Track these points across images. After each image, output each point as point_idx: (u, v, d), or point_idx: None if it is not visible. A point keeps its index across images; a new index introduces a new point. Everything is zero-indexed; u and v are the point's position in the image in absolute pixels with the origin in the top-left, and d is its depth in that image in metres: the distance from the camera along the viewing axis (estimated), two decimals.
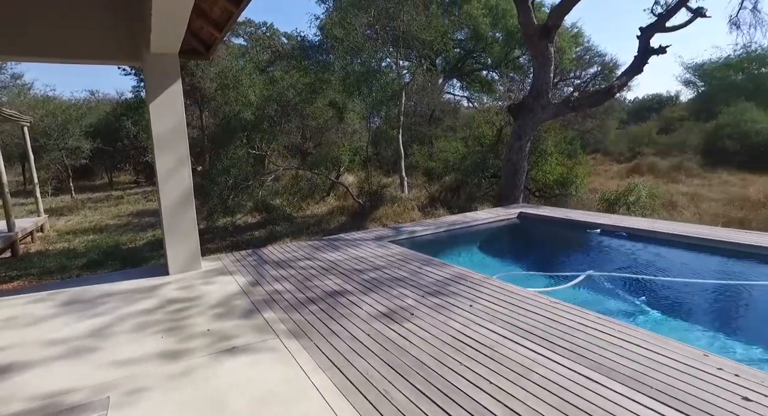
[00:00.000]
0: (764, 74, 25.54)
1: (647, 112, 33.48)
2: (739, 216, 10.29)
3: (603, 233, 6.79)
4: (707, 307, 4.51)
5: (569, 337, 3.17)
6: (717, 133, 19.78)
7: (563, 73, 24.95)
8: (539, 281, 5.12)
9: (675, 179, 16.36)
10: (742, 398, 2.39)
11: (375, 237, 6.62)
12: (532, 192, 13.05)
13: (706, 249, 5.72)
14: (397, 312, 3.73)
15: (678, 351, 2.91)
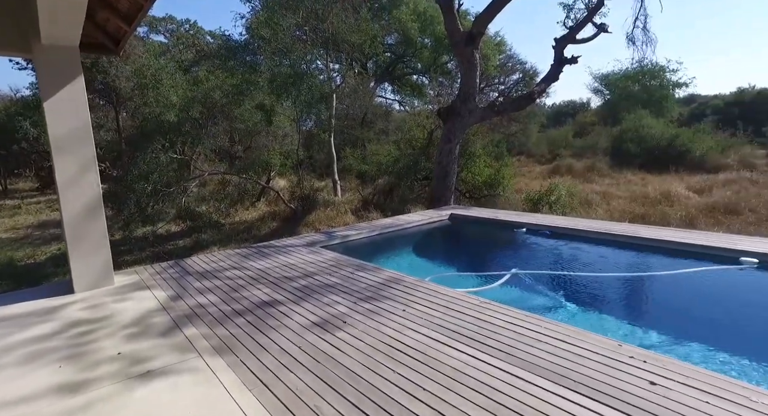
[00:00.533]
0: (654, 86, 28.65)
1: (564, 117, 36.19)
2: (641, 212, 11.33)
3: (528, 232, 7.13)
4: (620, 298, 4.87)
5: (499, 337, 3.24)
6: (621, 137, 21.77)
7: (489, 79, 26.17)
8: (470, 281, 5.24)
9: (589, 179, 17.70)
10: (649, 383, 2.56)
11: (307, 243, 6.44)
12: (463, 193, 13.47)
13: (618, 244, 6.20)
14: (329, 321, 3.61)
15: (596, 343, 3.07)
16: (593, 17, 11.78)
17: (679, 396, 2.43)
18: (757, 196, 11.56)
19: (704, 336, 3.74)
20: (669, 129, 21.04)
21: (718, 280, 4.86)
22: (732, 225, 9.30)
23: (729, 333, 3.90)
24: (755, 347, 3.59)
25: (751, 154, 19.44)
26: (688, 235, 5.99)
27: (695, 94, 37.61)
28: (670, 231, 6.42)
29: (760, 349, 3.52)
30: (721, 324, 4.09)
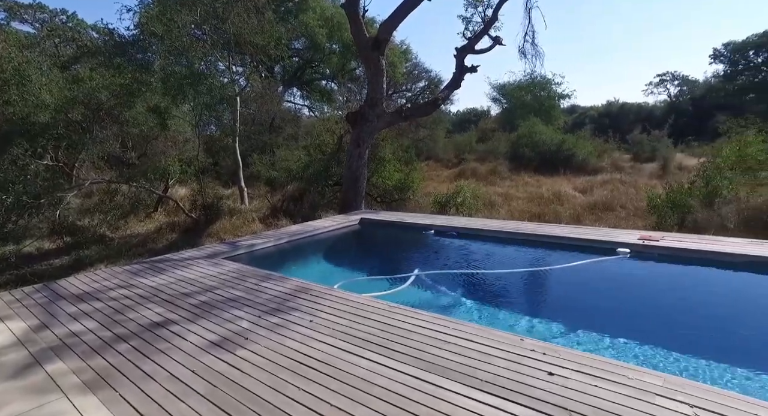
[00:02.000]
0: (543, 96, 31.66)
1: (467, 124, 38.37)
2: (537, 211, 12.30)
3: (437, 233, 7.33)
4: (522, 293, 5.16)
5: (407, 341, 3.20)
6: (518, 142, 23.58)
7: (396, 86, 26.86)
8: (380, 285, 5.20)
9: (492, 181, 18.87)
10: (548, 374, 2.68)
11: (208, 255, 5.95)
12: (374, 197, 13.57)
13: (518, 242, 6.61)
14: (229, 339, 3.31)
15: (501, 339, 3.17)
16: (489, 30, 12.57)
17: (573, 383, 2.57)
18: (626, 194, 13.13)
19: (592, 322, 4.07)
20: (557, 135, 23.24)
21: (600, 270, 5.36)
22: (609, 220, 10.44)
23: (612, 317, 4.29)
24: (632, 327, 3.98)
25: (620, 158, 22.21)
26: (576, 231, 6.58)
27: (576, 105, 42.20)
28: (561, 227, 7.00)
29: (635, 329, 3.91)
30: (605, 309, 4.50)
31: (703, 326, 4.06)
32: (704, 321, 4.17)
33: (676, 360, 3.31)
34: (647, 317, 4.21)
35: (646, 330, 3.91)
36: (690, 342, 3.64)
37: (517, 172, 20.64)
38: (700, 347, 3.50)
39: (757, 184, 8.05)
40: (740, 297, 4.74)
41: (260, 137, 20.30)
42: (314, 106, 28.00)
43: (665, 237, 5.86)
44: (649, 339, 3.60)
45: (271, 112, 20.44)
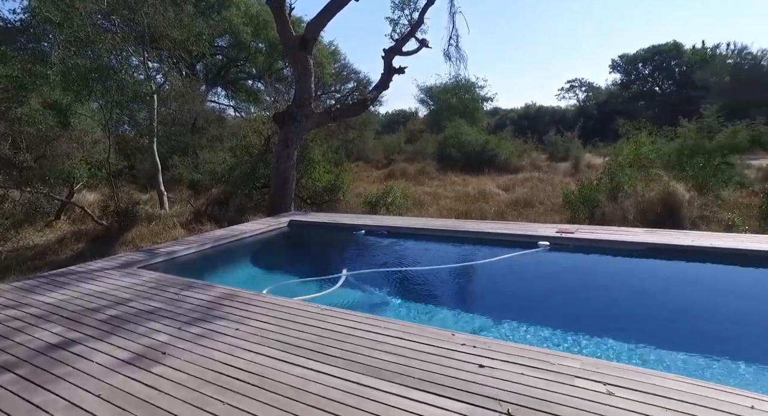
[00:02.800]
0: (468, 99, 33.10)
1: (396, 125, 39.01)
2: (464, 209, 12.77)
3: (368, 233, 7.32)
4: (452, 288, 5.28)
5: (339, 344, 3.12)
6: (445, 142, 24.37)
7: (325, 87, 26.63)
8: (310, 289, 5.05)
9: (421, 181, 19.30)
10: (478, 366, 2.74)
11: (121, 265, 5.43)
12: (304, 199, 13.31)
13: (447, 239, 6.78)
14: (144, 356, 3.01)
15: (432, 335, 3.19)
16: (415, 33, 12.83)
17: (502, 373, 2.64)
18: (544, 191, 14.06)
19: (518, 312, 4.26)
20: (481, 136, 24.34)
21: (523, 263, 5.65)
22: (529, 216, 11.10)
23: (536, 306, 4.53)
24: (554, 314, 4.23)
25: (538, 157, 23.81)
26: (500, 226, 6.89)
27: (498, 107, 44.67)
28: (486, 224, 7.30)
29: (558, 316, 4.16)
30: (529, 299, 4.74)
31: (614, 309, 4.42)
32: (615, 304, 4.55)
33: (594, 342, 3.55)
34: (567, 304, 4.51)
35: (567, 316, 4.18)
36: (605, 324, 3.94)
37: (444, 171, 21.30)
38: (614, 328, 3.80)
39: (650, 180, 8.98)
40: (642, 281, 5.23)
41: (182, 138, 19.12)
42: (240, 107, 26.94)
43: (579, 230, 6.33)
44: (570, 325, 3.84)
45: (193, 112, 19.30)
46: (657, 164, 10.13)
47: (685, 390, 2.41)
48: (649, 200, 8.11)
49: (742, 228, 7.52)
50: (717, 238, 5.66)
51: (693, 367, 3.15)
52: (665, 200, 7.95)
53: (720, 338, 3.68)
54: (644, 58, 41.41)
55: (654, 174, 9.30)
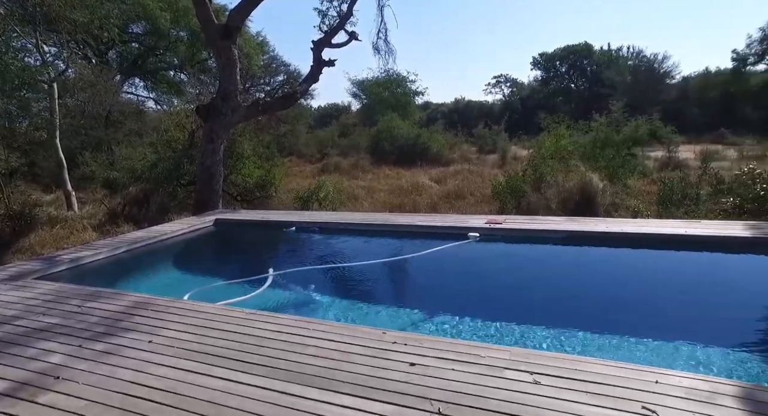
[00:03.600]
0: (400, 93, 33.50)
1: (329, 119, 38.57)
2: (398, 202, 12.85)
3: (299, 230, 7.07)
4: (385, 284, 5.23)
5: (265, 350, 2.93)
6: (378, 136, 24.44)
7: (254, 79, 25.61)
8: (235, 292, 4.72)
9: (355, 175, 19.18)
10: (409, 364, 2.68)
11: (10, 277, 4.77)
12: (234, 196, 12.70)
13: (380, 233, 6.73)
14: (30, 383, 2.62)
15: (363, 335, 3.09)
16: (345, 25, 12.61)
17: (433, 370, 2.60)
18: (474, 182, 14.53)
19: (451, 305, 4.29)
20: (413, 129, 24.70)
21: (455, 255, 5.73)
22: (461, 207, 11.40)
23: (468, 298, 4.60)
24: (485, 305, 4.31)
25: (468, 150, 24.66)
26: (432, 219, 6.96)
27: (429, 101, 45.67)
28: (418, 217, 7.35)
29: (489, 307, 4.24)
30: (461, 292, 4.80)
31: (542, 296, 4.60)
32: (542, 292, 4.73)
33: (522, 331, 3.65)
34: (497, 294, 4.62)
35: (497, 307, 4.27)
36: (533, 313, 4.07)
37: (378, 165, 21.36)
38: (542, 316, 3.93)
39: (569, 170, 9.56)
40: (565, 267, 5.52)
41: (94, 132, 17.47)
42: (161, 99, 25.09)
43: (507, 220, 6.55)
44: (499, 316, 3.91)
45: (106, 104, 17.67)
46: (575, 155, 10.81)
47: (603, 372, 2.52)
48: (569, 189, 8.61)
49: (645, 214, 8.22)
50: (626, 224, 6.12)
51: (608, 348, 3.33)
52: (582, 189, 8.48)
53: (633, 318, 3.94)
54: (561, 56, 44.34)
55: (572, 165, 9.91)
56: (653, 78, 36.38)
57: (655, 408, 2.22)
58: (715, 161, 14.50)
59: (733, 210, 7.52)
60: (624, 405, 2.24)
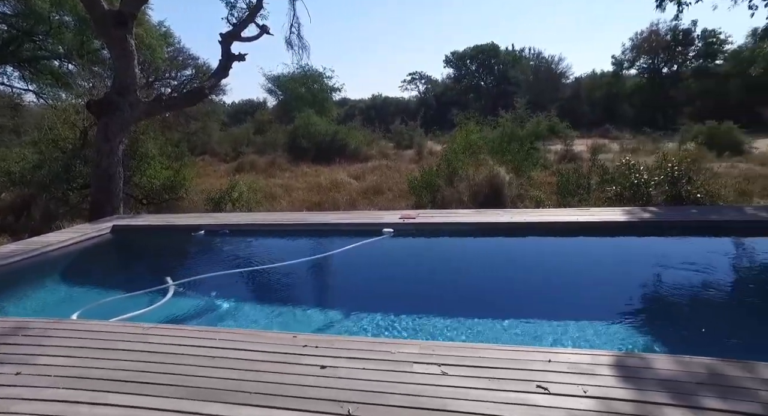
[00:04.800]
0: (317, 89, 33.12)
1: (244, 116, 37.00)
2: (317, 200, 12.68)
3: (208, 234, 6.68)
4: (299, 285, 5.11)
5: (166, 367, 2.71)
6: (295, 133, 23.93)
7: (158, 73, 23.78)
8: (134, 305, 4.28)
9: (272, 174, 18.61)
10: (320, 368, 2.64)
11: None
12: (139, 200, 11.71)
13: (295, 233, 6.57)
14: None
15: (272, 341, 2.99)
16: (255, 18, 12.10)
17: (343, 372, 2.58)
18: (392, 178, 14.79)
19: (366, 303, 4.31)
20: (331, 126, 24.50)
21: (369, 251, 5.74)
22: (379, 203, 11.54)
23: (382, 295, 4.65)
24: (400, 301, 4.36)
25: (386, 146, 25.05)
26: (346, 216, 6.96)
27: (347, 98, 45.64)
28: (333, 214, 7.31)
29: (403, 302, 4.29)
30: (376, 289, 4.85)
31: (453, 288, 4.78)
32: (453, 283, 4.92)
33: (433, 324, 3.75)
34: (410, 289, 4.72)
35: (409, 301, 4.35)
36: (445, 304, 4.20)
37: (296, 163, 20.93)
38: (453, 307, 4.07)
39: (479, 164, 10.08)
40: (475, 258, 5.81)
41: None
42: (45, 92, 22.24)
43: (420, 215, 6.75)
44: (412, 310, 3.99)
45: None
46: (484, 150, 11.43)
47: (503, 357, 2.68)
48: (479, 183, 9.09)
49: (546, 203, 8.94)
50: (528, 214, 6.61)
51: (510, 333, 3.54)
52: (491, 182, 8.99)
53: (533, 302, 4.26)
54: (471, 55, 46.65)
55: (482, 159, 10.45)
56: (552, 77, 39.72)
57: (548, 385, 2.40)
58: (602, 153, 16.20)
59: (615, 197, 8.43)
60: (521, 386, 2.40)
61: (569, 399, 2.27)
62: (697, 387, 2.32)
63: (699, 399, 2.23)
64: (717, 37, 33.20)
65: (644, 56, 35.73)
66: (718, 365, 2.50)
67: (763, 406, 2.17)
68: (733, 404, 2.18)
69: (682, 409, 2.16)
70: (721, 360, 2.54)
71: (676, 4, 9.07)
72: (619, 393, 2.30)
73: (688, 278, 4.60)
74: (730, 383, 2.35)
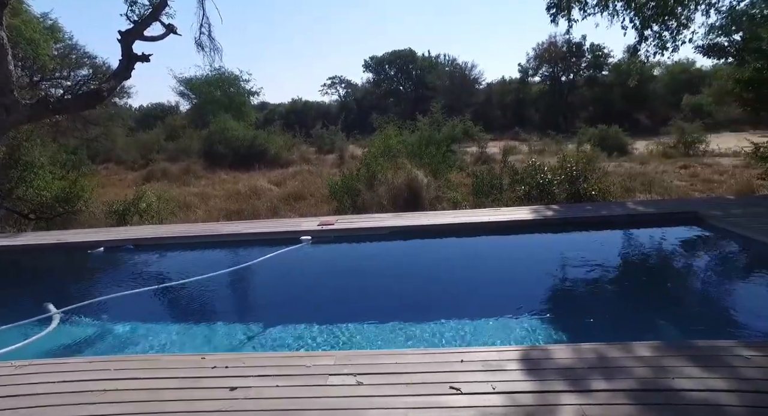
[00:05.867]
0: (233, 93, 31.88)
1: (153, 120, 34.41)
2: (236, 208, 12.12)
3: (108, 251, 6.06)
4: (207, 303, 4.76)
5: (42, 411, 2.37)
6: (211, 138, 22.76)
7: (45, 71, 21.32)
8: (7, 340, 3.64)
9: (186, 182, 17.50)
10: (229, 389, 2.48)
11: None
12: (25, 215, 10.36)
13: (204, 245, 6.17)
14: None
15: (177, 364, 2.77)
16: (159, 16, 11.23)
17: (255, 391, 2.45)
18: (314, 183, 14.59)
19: (281, 316, 4.14)
20: (249, 131, 23.63)
21: (286, 261, 5.53)
22: (301, 209, 11.30)
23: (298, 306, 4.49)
24: (314, 312, 4.23)
25: (307, 151, 24.72)
26: (262, 225, 6.70)
27: (266, 102, 44.38)
28: (249, 223, 7.00)
29: (316, 313, 4.15)
30: (291, 300, 4.69)
31: (372, 294, 4.76)
32: (372, 289, 4.91)
33: (352, 331, 3.69)
34: (328, 298, 4.63)
35: (327, 310, 4.25)
36: (363, 311, 4.14)
37: (213, 169, 19.92)
38: (372, 313, 4.03)
39: (398, 168, 10.27)
40: (393, 262, 5.85)
41: None
42: None
43: (339, 220, 6.69)
44: (329, 319, 3.89)
45: None
46: (403, 153, 11.67)
47: (417, 361, 2.72)
48: (398, 186, 9.23)
49: (463, 204, 9.33)
50: (444, 216, 6.84)
51: (426, 337, 3.58)
52: (410, 185, 9.18)
53: (449, 303, 4.37)
54: (389, 60, 47.62)
55: (401, 162, 10.65)
56: (466, 83, 41.73)
57: (461, 385, 2.46)
58: (513, 155, 17.31)
59: (524, 196, 9.03)
60: (435, 389, 2.44)
61: (480, 397, 2.34)
62: (588, 372, 2.52)
63: (589, 383, 2.42)
64: (602, 50, 37.11)
65: (546, 65, 38.85)
66: (605, 348, 2.74)
67: (637, 381, 2.41)
68: (616, 383, 2.40)
69: (575, 394, 2.33)
70: (606, 344, 2.79)
71: (567, 20, 9.94)
72: (523, 386, 2.42)
73: (583, 271, 5.03)
74: (613, 364, 2.59)
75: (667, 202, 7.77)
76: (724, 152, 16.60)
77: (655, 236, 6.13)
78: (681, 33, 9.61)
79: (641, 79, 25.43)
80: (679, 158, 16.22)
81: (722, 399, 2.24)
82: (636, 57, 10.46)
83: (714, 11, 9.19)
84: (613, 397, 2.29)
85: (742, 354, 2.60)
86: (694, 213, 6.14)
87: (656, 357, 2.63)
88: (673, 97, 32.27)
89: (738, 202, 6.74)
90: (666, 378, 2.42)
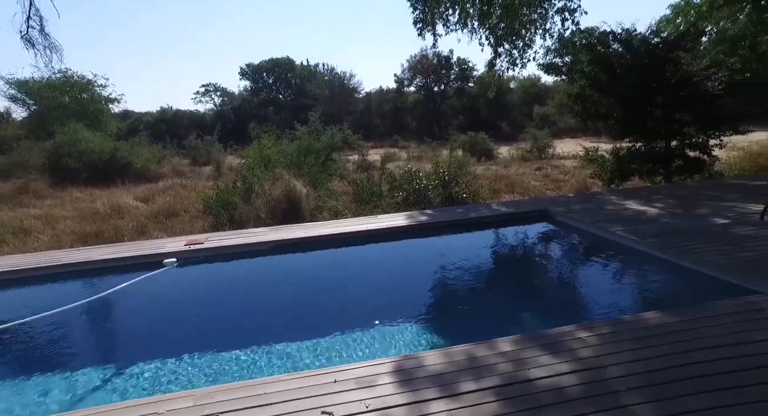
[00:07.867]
0: (87, 99, 28.07)
1: None
2: (93, 230, 10.54)
3: None
4: (36, 349, 3.95)
5: None
6: (58, 151, 19.65)
7: None
8: None
9: (25, 203, 14.82)
10: None
11: None
12: None
13: (51, 278, 5.20)
14: None
15: None
16: None
17: None
18: (188, 198, 13.41)
19: (132, 354, 3.62)
20: (108, 142, 20.93)
21: (145, 289, 4.89)
22: (174, 227, 10.24)
23: (151, 343, 3.96)
24: (172, 346, 3.73)
25: (180, 163, 22.70)
26: (115, 250, 5.87)
27: (130, 110, 39.90)
28: (104, 248, 6.08)
29: (174, 348, 3.65)
30: (146, 336, 4.12)
31: (241, 319, 4.40)
32: (244, 314, 4.55)
33: (217, 365, 3.32)
34: (190, 329, 4.15)
35: (189, 343, 3.75)
36: (229, 340, 3.73)
37: (61, 187, 17.19)
38: (239, 341, 3.67)
39: (275, 179, 9.91)
40: (266, 281, 5.51)
41: None
42: None
43: (209, 239, 6.15)
44: (191, 353, 3.46)
45: None
46: (281, 164, 11.31)
47: (287, 388, 2.55)
48: (276, 198, 8.89)
49: (344, 213, 9.33)
50: (322, 227, 6.69)
51: (297, 358, 3.39)
52: (288, 196, 8.90)
53: (323, 320, 4.21)
54: (267, 68, 46.33)
55: (278, 173, 10.29)
56: (345, 92, 42.41)
57: (333, 408, 2.36)
58: (393, 162, 17.96)
59: (402, 202, 9.35)
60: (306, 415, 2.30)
61: None
62: (458, 375, 2.60)
63: (458, 386, 2.49)
64: (467, 64, 40.77)
65: (419, 76, 41.30)
66: (472, 349, 2.87)
67: (500, 377, 2.56)
68: (482, 382, 2.51)
69: (445, 400, 2.38)
70: (474, 345, 2.93)
71: (432, 34, 10.65)
72: (396, 400, 2.41)
73: (453, 274, 5.33)
74: (480, 363, 2.72)
75: (524, 201, 8.67)
76: (567, 155, 19.30)
77: (513, 234, 6.79)
78: (527, 52, 10.94)
79: (500, 91, 28.68)
80: (534, 161, 18.40)
81: (564, 381, 2.47)
82: (493, 71, 11.64)
83: (548, 36, 10.62)
84: (481, 397, 2.39)
85: (581, 337, 2.93)
86: (544, 211, 6.93)
87: (516, 351, 2.83)
88: (526, 107, 36.83)
89: (576, 199, 7.78)
90: (524, 370, 2.61)
